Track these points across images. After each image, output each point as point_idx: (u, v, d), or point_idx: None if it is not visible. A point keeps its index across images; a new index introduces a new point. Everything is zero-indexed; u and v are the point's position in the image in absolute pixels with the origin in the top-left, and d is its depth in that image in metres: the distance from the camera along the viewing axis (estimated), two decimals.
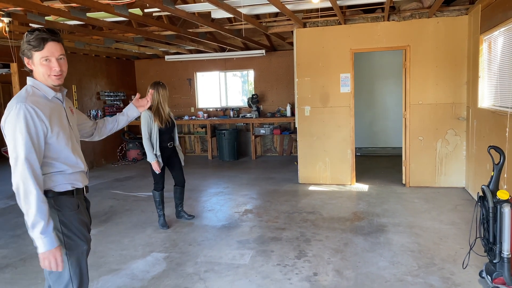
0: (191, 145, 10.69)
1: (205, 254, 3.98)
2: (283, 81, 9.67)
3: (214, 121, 9.84)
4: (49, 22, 5.48)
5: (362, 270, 3.53)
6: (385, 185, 6.54)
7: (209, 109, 10.41)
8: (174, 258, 3.91)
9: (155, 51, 9.39)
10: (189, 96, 10.51)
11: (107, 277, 3.53)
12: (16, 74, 7.14)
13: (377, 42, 6.28)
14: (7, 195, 6.72)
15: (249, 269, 3.60)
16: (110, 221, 5.10)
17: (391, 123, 9.38)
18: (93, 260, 3.91)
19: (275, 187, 6.65)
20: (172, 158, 4.90)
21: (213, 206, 5.76)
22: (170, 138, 4.83)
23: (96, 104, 9.12)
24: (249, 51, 9.31)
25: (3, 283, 3.50)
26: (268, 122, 9.55)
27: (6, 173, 8.66)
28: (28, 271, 3.74)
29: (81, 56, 8.76)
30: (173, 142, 4.88)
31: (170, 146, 4.81)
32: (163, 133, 4.68)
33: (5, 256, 4.11)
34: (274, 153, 10.06)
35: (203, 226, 4.88)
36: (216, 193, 6.50)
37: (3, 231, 4.89)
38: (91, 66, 9.09)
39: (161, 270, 3.65)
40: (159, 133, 4.63)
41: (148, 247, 4.19)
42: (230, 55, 9.56)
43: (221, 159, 9.59)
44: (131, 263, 3.83)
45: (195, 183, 7.26)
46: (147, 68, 10.66)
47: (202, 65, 10.26)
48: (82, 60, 8.79)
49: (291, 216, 5.07)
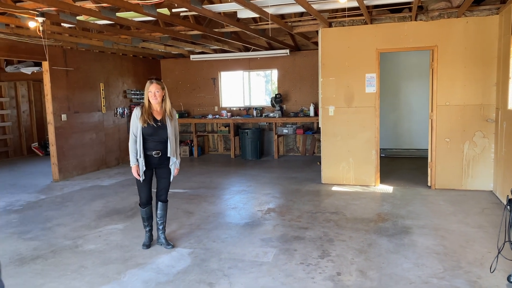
0: (214, 144, 10.79)
1: (229, 251, 4.03)
2: (306, 81, 9.65)
3: (237, 120, 9.91)
4: (80, 21, 5.64)
5: (386, 271, 3.51)
6: (409, 186, 6.46)
7: (232, 108, 10.48)
8: (198, 254, 3.97)
9: (181, 51, 9.52)
10: (213, 95, 10.61)
11: (134, 271, 3.62)
12: (48, 72, 7.37)
13: (403, 42, 6.21)
14: (37, 190, 6.94)
15: (272, 267, 3.63)
16: (136, 217, 5.20)
17: (415, 124, 9.24)
18: (119, 254, 4.01)
19: (298, 187, 6.65)
20: (161, 169, 4.08)
21: (236, 204, 5.81)
22: (159, 144, 3.95)
23: (122, 102, 9.32)
24: (273, 51, 9.33)
25: (34, 274, 3.62)
26: (291, 121, 9.56)
27: (37, 168, 8.96)
28: (58, 262, 3.86)
29: (109, 55, 8.97)
30: (161, 151, 3.96)
31: (155, 155, 3.96)
32: (148, 136, 3.91)
33: (36, 248, 4.25)
34: (296, 152, 10.05)
35: (227, 223, 4.93)
36: (239, 191, 6.55)
37: (34, 224, 5.06)
38: (118, 65, 9.29)
39: (186, 265, 3.71)
40: (143, 136, 3.89)
41: (172, 243, 4.26)
42: (254, 55, 9.61)
43: (244, 158, 9.65)
44: (157, 257, 3.91)
45: (218, 181, 7.34)
46: (172, 67, 10.82)
47: (226, 65, 10.34)
48: (110, 59, 8.99)
49: (314, 216, 5.07)
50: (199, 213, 5.36)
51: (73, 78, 7.97)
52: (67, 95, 7.83)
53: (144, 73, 10.10)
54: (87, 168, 8.36)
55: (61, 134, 7.71)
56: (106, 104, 8.89)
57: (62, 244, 4.34)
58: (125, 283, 3.39)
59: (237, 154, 10.14)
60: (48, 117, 7.59)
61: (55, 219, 5.27)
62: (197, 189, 6.69)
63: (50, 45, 7.25)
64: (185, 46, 8.68)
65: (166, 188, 4.17)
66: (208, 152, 10.82)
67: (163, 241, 4.19)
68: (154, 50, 9.32)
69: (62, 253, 4.09)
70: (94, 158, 8.58)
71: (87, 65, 8.36)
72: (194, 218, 5.12)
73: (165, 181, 4.13)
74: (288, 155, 10.03)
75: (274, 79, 10.28)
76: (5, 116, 10.43)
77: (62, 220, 5.19)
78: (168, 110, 4.00)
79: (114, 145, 9.07)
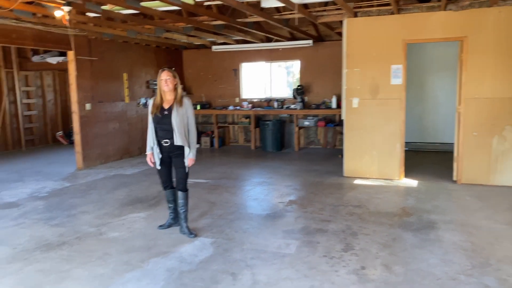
0: (234, 135, 10.79)
1: (251, 241, 4.02)
2: (329, 72, 9.52)
3: (258, 112, 9.86)
4: (105, 11, 5.67)
5: (412, 266, 3.44)
6: (434, 181, 6.31)
7: (253, 99, 10.44)
8: (221, 243, 3.97)
9: (203, 41, 9.51)
10: (234, 87, 10.59)
11: (157, 259, 3.64)
12: (73, 62, 7.46)
13: (431, 33, 6.03)
14: (62, 177, 7.07)
15: (295, 259, 3.60)
16: (159, 205, 5.24)
17: (441, 117, 9.02)
18: (143, 243, 4.05)
19: (319, 179, 6.59)
20: (175, 158, 4.09)
21: (257, 195, 5.79)
22: (168, 133, 3.96)
23: (145, 92, 9.38)
24: (296, 42, 9.23)
25: (60, 259, 3.68)
26: (312, 113, 9.46)
27: (62, 156, 9.13)
28: (83, 249, 3.92)
29: (133, 45, 9.02)
30: (170, 139, 3.98)
31: (165, 144, 4.02)
32: (157, 124, 4.00)
33: (61, 234, 4.33)
34: (317, 145, 9.96)
35: (248, 214, 4.92)
36: (260, 182, 6.53)
37: (59, 211, 5.16)
38: (142, 55, 9.35)
39: (208, 255, 3.72)
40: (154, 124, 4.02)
41: (195, 232, 4.27)
42: (276, 46, 9.53)
43: (264, 150, 9.61)
44: (180, 246, 3.93)
45: (238, 172, 7.33)
46: (194, 58, 10.82)
47: (248, 56, 10.28)
48: (133, 49, 9.05)
49: (337, 209, 5.01)
50: (220, 203, 5.37)
51: (97, 68, 8.05)
52: (91, 84, 7.92)
53: (166, 64, 10.13)
54: (110, 157, 8.47)
55: (85, 123, 7.82)
56: (129, 94, 8.97)
57: (86, 231, 4.41)
58: (149, 271, 3.41)
59: (257, 146, 10.12)
60: (73, 106, 7.70)
61: (80, 206, 5.35)
62: (219, 180, 6.70)
63: (75, 35, 7.33)
64: (208, 36, 8.66)
65: (183, 177, 4.14)
66: (229, 143, 10.83)
67: (185, 230, 4.21)
68: (177, 40, 9.32)
69: (86, 240, 4.16)
70: (117, 147, 8.69)
71: (111, 55, 8.44)
72: (216, 208, 5.13)
73: (181, 171, 4.11)
74: (309, 147, 9.95)
75: (296, 70, 10.18)
76: (32, 105, 10.65)
77: (86, 208, 5.27)
78: (178, 98, 3.98)
79: (136, 135, 9.16)
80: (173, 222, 4.43)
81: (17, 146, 10.24)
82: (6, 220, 4.80)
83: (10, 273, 3.41)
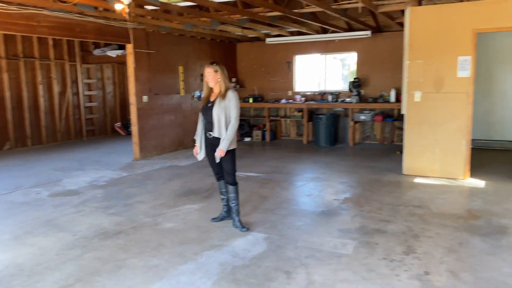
0: (286, 129, 10.65)
1: (305, 239, 3.89)
2: (388, 64, 9.10)
3: (311, 105, 9.65)
4: (163, 4, 5.72)
5: (482, 274, 3.16)
6: (504, 182, 5.83)
7: (306, 93, 10.23)
8: (274, 239, 3.88)
9: (257, 34, 9.43)
10: (287, 80, 10.43)
11: (210, 252, 3.62)
12: (131, 55, 7.65)
13: (505, 21, 5.53)
14: (119, 167, 7.30)
15: (353, 260, 3.42)
16: (211, 198, 5.25)
17: (510, 113, 8.34)
18: (196, 234, 4.05)
19: (376, 177, 6.31)
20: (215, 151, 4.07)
21: (310, 191, 5.64)
22: (210, 125, 4.00)
23: (200, 85, 9.47)
24: (353, 32, 8.89)
25: (116, 248, 3.76)
26: (369, 107, 9.10)
27: (120, 146, 9.45)
28: (139, 239, 3.98)
29: (188, 38, 9.13)
30: (211, 131, 4.01)
31: (209, 136, 4.07)
32: (202, 116, 4.11)
33: (118, 223, 4.43)
34: (373, 140, 9.59)
35: (301, 210, 4.79)
36: (313, 178, 6.36)
37: (117, 200, 5.30)
38: (197, 48, 9.44)
39: (261, 251, 3.64)
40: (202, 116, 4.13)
41: (247, 226, 4.21)
42: (332, 37, 9.25)
43: (317, 145, 9.40)
44: (233, 240, 3.88)
45: (290, 167, 7.20)
46: (248, 51, 10.78)
47: (302, 48, 10.08)
48: (189, 42, 9.16)
49: (396, 209, 4.75)
50: (273, 198, 5.27)
51: (154, 60, 8.22)
52: (148, 77, 8.10)
53: (221, 57, 10.18)
54: (165, 149, 8.65)
55: (142, 115, 8.02)
56: (185, 87, 9.09)
57: (142, 221, 4.49)
58: (202, 264, 3.39)
59: (309, 140, 9.92)
60: (131, 98, 7.92)
61: (136, 196, 5.48)
62: (270, 174, 6.61)
63: (134, 28, 7.50)
64: (262, 28, 8.56)
65: (228, 171, 4.10)
66: (280, 137, 10.71)
67: (237, 224, 4.17)
68: (231, 33, 9.32)
69: (142, 229, 4.22)
70: (172, 139, 8.85)
71: (167, 48, 8.58)
72: (268, 203, 5.04)
73: (225, 164, 4.07)
74: (364, 142, 9.60)
75: (352, 62, 9.83)
76: (93, 97, 11.13)
77: (142, 198, 5.38)
78: (223, 91, 3.98)
79: (191, 127, 9.27)
80: (226, 216, 4.40)
81: (79, 136, 10.75)
82: (68, 207, 5.00)
83: (71, 259, 3.52)
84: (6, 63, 8.89)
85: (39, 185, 6.03)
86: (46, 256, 3.58)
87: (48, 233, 4.15)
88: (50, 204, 5.14)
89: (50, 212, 4.82)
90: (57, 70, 10.05)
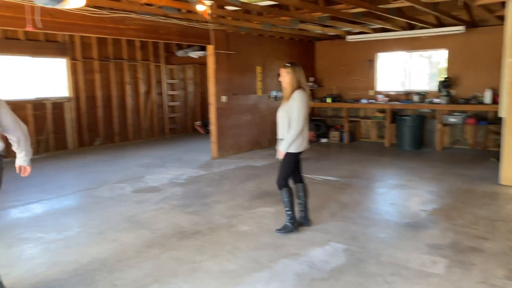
0: (366, 130, 10.18)
1: (389, 253, 3.58)
2: (483, 62, 8.26)
3: (394, 106, 9.10)
4: (243, 4, 5.69)
5: None
6: None
7: (389, 92, 9.67)
8: (354, 252, 3.63)
9: (338, 31, 9.10)
10: (368, 79, 9.95)
11: (286, 261, 3.47)
12: (212, 56, 7.77)
13: None
14: (198, 165, 7.44)
15: (444, 281, 3.07)
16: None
17: None
18: (271, 240, 3.92)
19: (469, 186, 5.72)
20: None
21: (394, 199, 5.25)
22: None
23: (277, 85, 9.38)
24: (444, 28, 8.21)
25: (193, 249, 3.76)
26: (460, 109, 8.34)
27: (198, 145, 9.67)
28: (214, 240, 3.95)
29: (267, 38, 9.08)
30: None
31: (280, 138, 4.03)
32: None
33: (196, 223, 4.46)
34: (464, 145, 8.79)
35: (385, 221, 4.45)
36: (397, 185, 5.94)
37: (195, 198, 5.37)
38: (275, 48, 9.37)
39: (340, 263, 3.41)
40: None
41: (326, 235, 4.01)
42: (419, 33, 8.63)
43: (400, 148, 8.84)
44: (309, 249, 3.69)
45: (371, 172, 6.82)
46: (327, 49, 10.48)
47: (385, 45, 9.54)
48: (267, 42, 9.11)
49: (494, 224, 4.23)
50: (352, 205, 4.99)
51: (233, 61, 8.28)
52: (227, 77, 8.19)
53: (299, 56, 10.00)
54: (241, 148, 8.69)
55: (221, 114, 8.12)
56: (262, 87, 9.06)
57: (218, 222, 4.47)
58: (278, 273, 3.25)
59: (392, 143, 9.36)
60: (210, 98, 8.06)
61: (213, 195, 5.51)
62: (349, 178, 6.30)
63: (215, 29, 7.60)
64: (343, 26, 8.22)
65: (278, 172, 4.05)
66: (359, 139, 10.26)
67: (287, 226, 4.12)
68: (310, 32, 9.09)
69: (218, 231, 4.20)
70: (249, 139, 8.87)
71: (246, 48, 8.60)
72: (348, 211, 4.77)
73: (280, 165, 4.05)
74: (453, 147, 8.84)
75: (441, 60, 9.09)
76: (175, 97, 11.56)
77: (218, 197, 5.40)
78: (290, 92, 3.90)
79: (267, 127, 9.23)
80: (302, 222, 4.23)
81: (162, 133, 11.23)
82: (149, 204, 5.17)
83: (149, 258, 3.59)
84: (98, 65, 9.53)
85: (123, 181, 6.33)
86: (126, 253, 3.68)
87: (130, 229, 4.30)
88: (133, 200, 5.35)
89: (132, 208, 5.01)
90: (143, 71, 10.58)
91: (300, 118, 3.85)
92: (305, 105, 3.87)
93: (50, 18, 5.23)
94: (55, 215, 4.78)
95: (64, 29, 5.77)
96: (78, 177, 6.71)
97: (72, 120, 9.14)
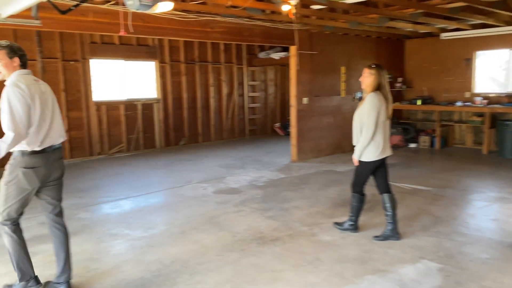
0: (461, 135, 9.34)
1: (494, 278, 3.15)
2: None
3: (495, 109, 8.22)
4: (329, 2, 5.47)
5: None
6: None
7: (489, 94, 8.76)
8: (451, 272, 3.25)
9: (431, 29, 8.45)
10: (464, 79, 9.12)
11: (373, 278, 3.20)
12: (295, 57, 7.62)
13: None
14: (277, 168, 7.34)
15: None
16: (373, 211, 4.78)
17: None
18: (357, 253, 3.67)
19: None
20: None
21: (496, 214, 4.68)
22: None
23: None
24: None
25: (272, 257, 3.63)
26: None
27: (277, 147, 9.59)
28: (295, 249, 3.80)
29: (352, 37, 8.72)
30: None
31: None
32: None
33: (275, 228, 4.34)
34: None
35: (486, 239, 3.96)
36: (499, 198, 5.30)
37: (274, 202, 5.26)
38: (361, 47, 8.97)
39: (435, 285, 3.06)
40: None
41: (417, 251, 3.66)
42: None
43: (501, 156, 7.95)
44: (399, 266, 3.39)
45: (467, 182, 6.20)
46: (418, 48, 9.81)
47: (485, 42, 8.66)
48: (352, 41, 8.75)
49: None
50: (447, 219, 4.53)
51: (316, 62, 8.06)
52: (309, 79, 7.99)
53: (386, 55, 9.49)
54: (322, 152, 8.44)
55: (302, 116, 7.95)
56: (346, 88, 8.72)
57: (299, 229, 4.31)
58: None
59: (491, 150, 8.46)
60: (291, 100, 7.92)
61: (292, 200, 5.36)
62: (442, 189, 5.77)
63: (299, 30, 7.45)
64: (438, 23, 7.59)
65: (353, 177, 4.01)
66: (453, 144, 9.44)
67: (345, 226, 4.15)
68: (400, 29, 8.55)
69: (298, 239, 4.04)
70: (330, 142, 8.59)
71: (330, 48, 8.33)
72: (441, 225, 4.34)
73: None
74: None
75: None
76: (256, 98, 11.62)
77: (298, 203, 5.24)
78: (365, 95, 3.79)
79: (349, 130, 8.71)
80: (391, 235, 3.92)
81: (242, 134, 11.34)
82: (229, 206, 5.17)
83: (229, 262, 3.54)
84: (184, 67, 9.87)
85: (205, 181, 6.44)
86: (207, 256, 3.68)
87: (211, 230, 4.31)
88: (214, 200, 5.40)
89: (213, 209, 5.05)
90: (226, 73, 10.77)
91: (370, 123, 3.61)
92: (377, 109, 3.62)
93: (141, 23, 5.47)
94: (142, 213, 4.97)
95: (154, 33, 6.01)
96: (164, 175, 6.97)
97: (160, 121, 9.57)
